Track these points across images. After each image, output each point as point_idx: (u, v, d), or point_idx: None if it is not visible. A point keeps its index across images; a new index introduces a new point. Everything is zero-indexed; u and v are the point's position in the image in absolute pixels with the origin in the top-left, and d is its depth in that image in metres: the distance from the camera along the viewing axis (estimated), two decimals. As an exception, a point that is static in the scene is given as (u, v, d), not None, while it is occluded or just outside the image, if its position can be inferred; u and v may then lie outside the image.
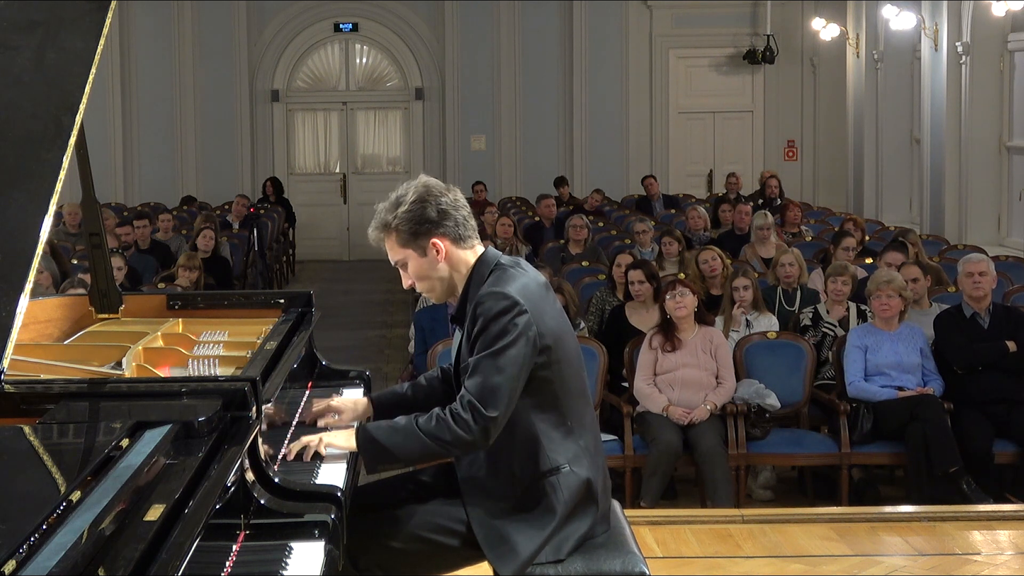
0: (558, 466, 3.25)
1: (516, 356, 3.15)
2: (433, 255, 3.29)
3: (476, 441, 3.16)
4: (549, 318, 3.26)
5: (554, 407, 3.26)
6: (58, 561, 1.95)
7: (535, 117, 17.14)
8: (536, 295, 3.25)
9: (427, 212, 3.27)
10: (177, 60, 17.13)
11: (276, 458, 3.26)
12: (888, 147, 16.17)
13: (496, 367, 3.14)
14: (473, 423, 3.13)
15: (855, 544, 5.35)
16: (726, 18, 17.45)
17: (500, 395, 3.13)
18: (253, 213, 13.15)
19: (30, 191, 3.17)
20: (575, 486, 3.25)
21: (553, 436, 3.26)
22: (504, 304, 3.17)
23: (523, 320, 3.17)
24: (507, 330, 3.15)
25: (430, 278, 3.33)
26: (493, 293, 3.20)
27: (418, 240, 3.28)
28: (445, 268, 3.31)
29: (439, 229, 3.28)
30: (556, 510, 3.23)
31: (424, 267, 3.31)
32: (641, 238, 10.29)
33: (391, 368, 10.05)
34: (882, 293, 6.76)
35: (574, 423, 3.30)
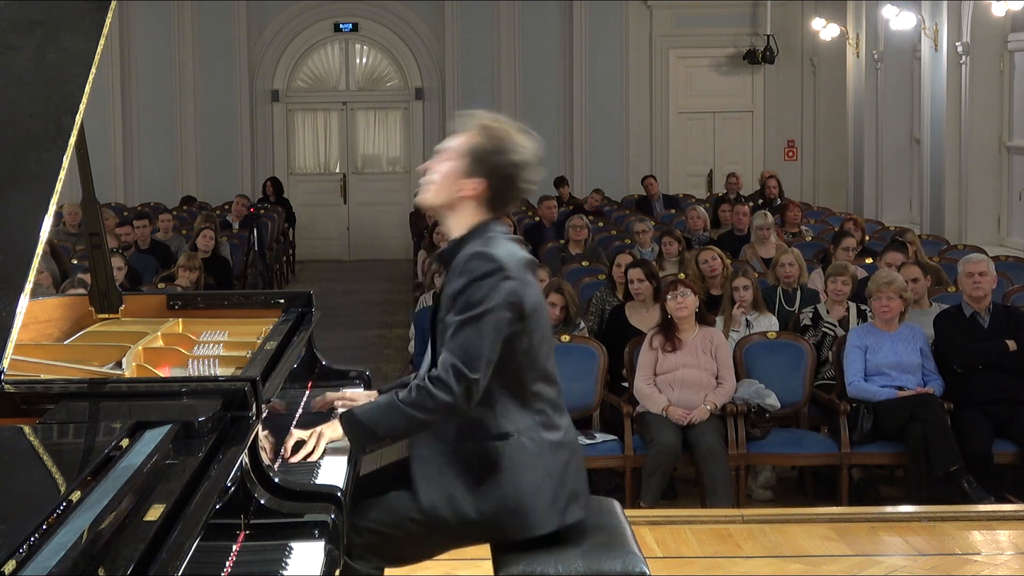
0: (507, 432, 3.22)
1: (498, 320, 3.13)
2: (467, 183, 3.24)
3: (458, 404, 3.13)
4: (531, 290, 3.24)
5: (516, 377, 3.23)
6: (58, 561, 1.95)
7: (535, 117, 16.94)
8: (521, 265, 3.22)
9: (502, 161, 3.24)
10: (177, 60, 17.13)
11: (277, 458, 3.27)
12: (888, 147, 16.17)
13: (479, 330, 3.12)
14: (456, 385, 3.11)
15: (855, 544, 5.35)
16: (726, 18, 17.45)
17: (482, 357, 3.11)
18: (253, 213, 13.15)
19: (30, 191, 3.17)
20: (523, 456, 3.22)
21: (507, 403, 3.23)
22: (490, 266, 3.15)
23: (508, 285, 3.15)
24: (491, 294, 3.13)
25: (442, 189, 3.27)
26: (481, 254, 3.17)
27: (477, 163, 3.24)
28: (457, 200, 3.26)
29: (492, 180, 3.24)
30: (498, 476, 3.20)
31: (451, 180, 3.25)
32: (641, 238, 10.29)
33: (391, 368, 10.05)
34: (883, 295, 6.76)
35: (534, 395, 3.26)
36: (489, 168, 3.24)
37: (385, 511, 3.29)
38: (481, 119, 3.30)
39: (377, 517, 3.29)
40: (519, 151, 3.27)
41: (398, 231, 17.24)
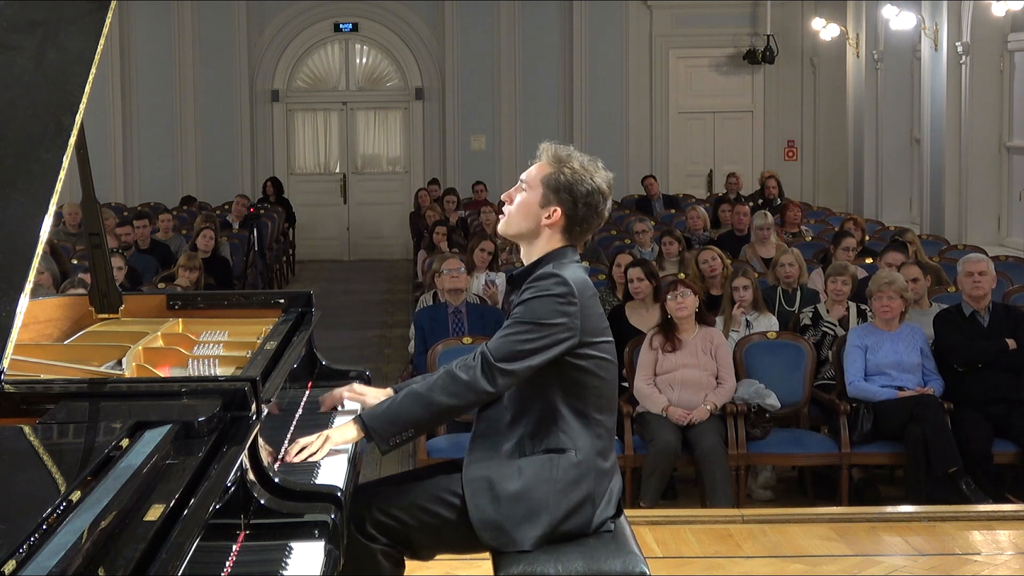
0: (564, 448, 3.30)
1: (552, 336, 3.23)
2: (546, 212, 3.35)
3: (482, 390, 3.23)
4: (595, 317, 3.33)
5: (581, 396, 3.32)
6: (58, 561, 1.95)
7: (535, 117, 17.12)
8: (588, 293, 3.34)
9: (581, 189, 3.34)
10: (177, 60, 17.13)
11: (277, 458, 3.27)
12: (888, 147, 16.17)
13: (528, 336, 3.23)
14: (480, 371, 3.23)
15: (855, 544, 5.35)
16: (726, 18, 17.45)
17: (519, 358, 3.22)
18: (253, 213, 13.15)
19: (30, 191, 3.17)
20: (575, 473, 3.29)
21: (570, 421, 3.31)
22: (561, 289, 3.26)
23: (571, 310, 3.25)
24: (554, 311, 3.24)
25: (522, 218, 3.38)
26: (555, 275, 3.28)
27: (554, 193, 3.35)
28: (538, 228, 3.37)
29: (572, 208, 3.35)
30: (546, 482, 3.27)
31: (531, 209, 3.36)
32: (641, 238, 10.29)
33: (391, 368, 10.05)
34: (883, 295, 6.76)
35: (595, 415, 3.35)
36: (567, 198, 3.35)
37: (411, 497, 3.34)
38: (557, 150, 3.40)
39: (399, 501, 3.33)
40: (596, 181, 3.38)
41: (398, 231, 17.24)
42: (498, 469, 3.30)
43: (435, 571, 4.74)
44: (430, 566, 4.70)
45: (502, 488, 3.28)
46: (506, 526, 3.29)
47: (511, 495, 3.27)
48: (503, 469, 3.30)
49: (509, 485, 3.28)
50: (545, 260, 3.36)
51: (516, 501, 3.27)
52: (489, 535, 3.30)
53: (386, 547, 3.34)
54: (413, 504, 3.34)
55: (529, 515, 3.28)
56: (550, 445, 3.30)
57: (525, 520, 3.28)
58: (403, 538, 3.35)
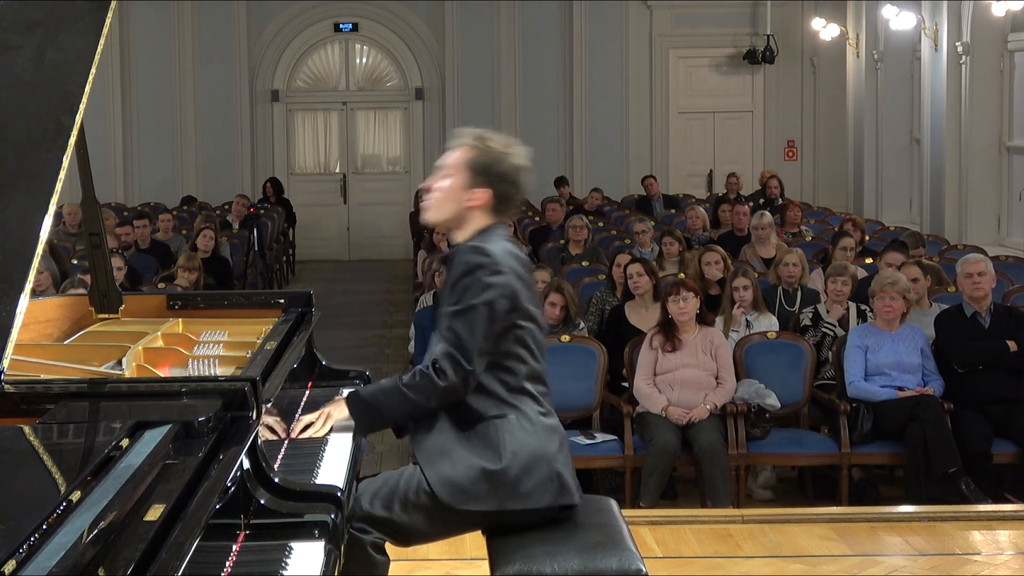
0: (503, 413, 3.36)
1: (491, 311, 3.29)
2: (471, 194, 3.39)
3: (455, 391, 3.31)
4: (522, 286, 3.37)
5: (511, 367, 3.38)
6: (58, 561, 1.95)
7: (535, 117, 17.13)
8: (514, 261, 3.38)
9: (504, 170, 3.39)
10: (177, 60, 17.12)
11: (277, 458, 3.27)
12: (888, 147, 16.16)
13: (472, 320, 3.28)
14: (454, 375, 3.29)
15: (855, 544, 5.35)
16: (726, 18, 17.44)
17: (475, 347, 3.27)
18: (253, 213, 13.15)
19: (30, 191, 3.17)
20: (522, 429, 3.34)
21: (501, 391, 3.37)
22: (482, 260, 3.31)
23: (499, 279, 3.30)
24: (484, 285, 3.29)
25: (447, 202, 3.43)
26: (474, 247, 3.34)
27: (476, 175, 3.39)
28: (464, 212, 3.42)
29: (496, 187, 3.39)
30: (495, 446, 3.32)
31: (455, 193, 3.41)
32: (641, 238, 10.29)
33: (391, 368, 10.05)
34: (886, 295, 6.76)
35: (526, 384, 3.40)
36: (492, 177, 3.39)
37: (392, 486, 3.39)
38: (472, 133, 3.45)
39: (382, 492, 3.38)
40: (516, 157, 3.42)
41: (398, 231, 17.24)
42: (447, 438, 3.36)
43: (435, 571, 4.75)
44: (430, 566, 4.71)
45: (454, 450, 3.34)
46: (462, 482, 3.32)
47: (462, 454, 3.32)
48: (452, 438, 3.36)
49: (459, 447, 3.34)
50: (471, 238, 3.41)
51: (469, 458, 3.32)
52: (446, 492, 3.32)
53: (376, 539, 3.38)
54: (393, 497, 3.37)
55: (484, 471, 3.31)
56: (489, 413, 3.35)
57: (481, 476, 3.31)
58: (392, 528, 3.38)
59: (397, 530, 3.39)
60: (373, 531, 3.36)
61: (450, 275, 3.37)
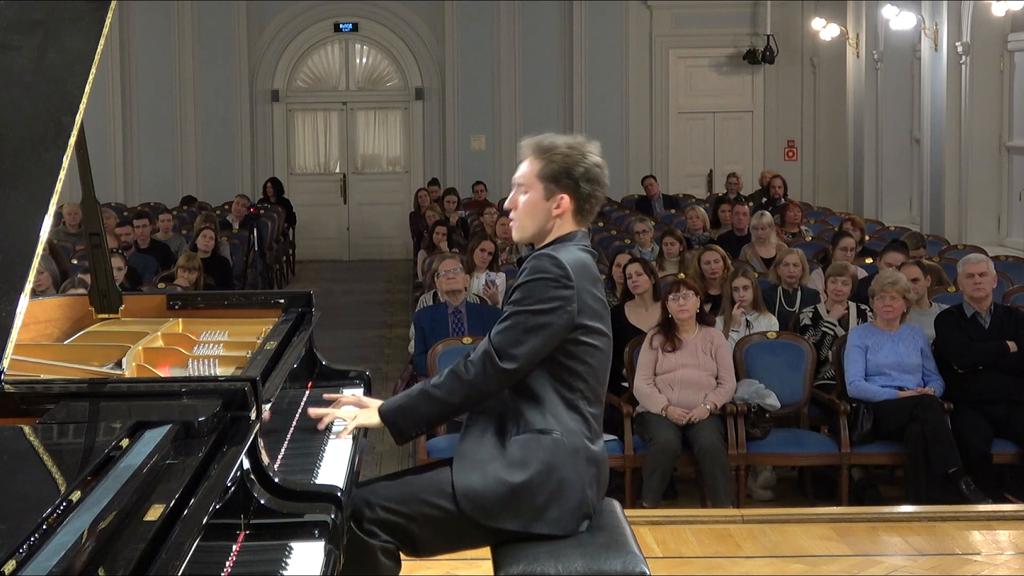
0: (550, 429, 3.31)
1: (549, 322, 3.24)
2: (553, 203, 3.36)
3: (485, 388, 3.27)
4: (591, 299, 3.32)
5: (567, 381, 3.32)
6: (58, 561, 1.95)
7: (535, 117, 17.10)
8: (585, 275, 3.32)
9: (579, 170, 3.35)
10: (177, 60, 17.12)
11: (277, 458, 3.27)
12: (888, 147, 16.16)
13: (526, 325, 3.23)
14: (483, 370, 3.25)
15: (855, 544, 5.35)
16: (726, 18, 17.44)
17: (519, 353, 3.23)
18: (253, 213, 13.14)
19: (30, 191, 3.17)
20: (561, 453, 3.29)
21: (557, 403, 3.32)
22: (555, 271, 3.26)
23: (566, 293, 3.25)
24: (549, 295, 3.24)
25: (531, 217, 3.39)
26: (549, 256, 3.29)
27: (554, 184, 3.35)
28: (552, 223, 3.38)
29: (575, 190, 3.35)
30: (530, 465, 3.27)
31: (538, 207, 3.37)
32: (641, 238, 10.29)
33: (391, 368, 10.05)
34: (886, 295, 6.76)
35: (581, 404, 3.35)
36: (570, 182, 3.35)
37: (410, 488, 3.36)
38: (538, 141, 3.41)
39: (399, 494, 3.35)
40: (588, 155, 3.38)
41: (398, 231, 17.24)
42: (487, 453, 3.31)
43: (435, 571, 4.75)
44: (430, 566, 4.70)
45: (491, 467, 3.29)
46: (488, 497, 3.28)
47: (499, 473, 3.28)
48: (491, 448, 3.32)
49: (498, 464, 3.29)
50: (550, 244, 3.37)
51: (500, 474, 3.27)
52: (470, 504, 3.29)
53: (385, 543, 3.34)
54: (413, 497, 3.34)
55: (518, 493, 3.27)
56: (536, 426, 3.31)
57: (514, 499, 3.28)
58: (403, 533, 3.35)
59: (409, 535, 3.35)
60: (383, 534, 3.32)
61: (519, 277, 3.32)
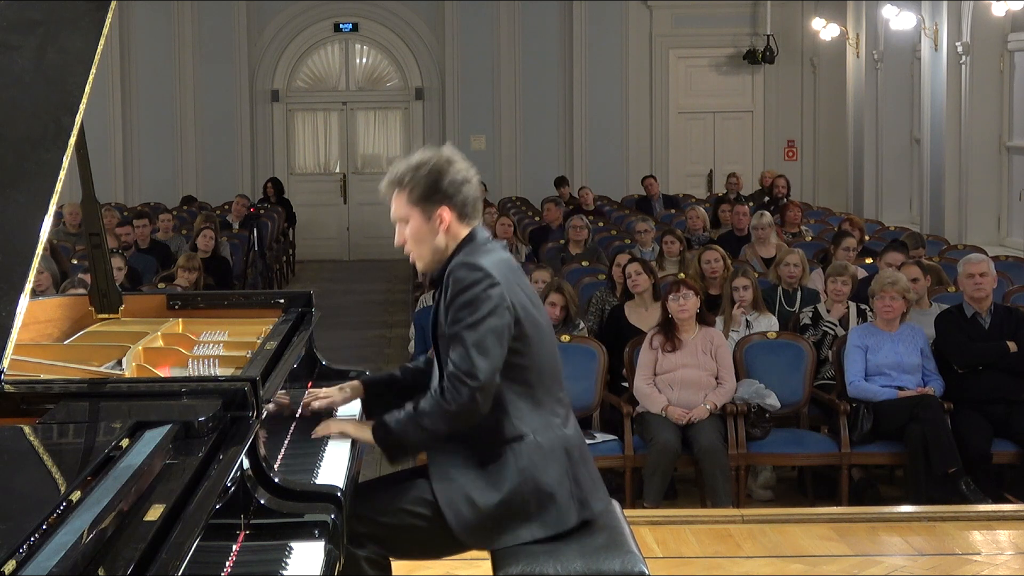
0: (522, 434, 3.31)
1: (493, 325, 3.22)
2: (436, 223, 3.35)
3: (467, 411, 3.23)
4: (520, 294, 3.33)
5: (522, 379, 3.33)
6: (58, 561, 1.95)
7: (535, 117, 17.13)
8: (507, 271, 3.33)
9: (442, 182, 3.33)
10: (177, 60, 17.12)
11: (277, 457, 3.27)
12: (888, 147, 16.16)
13: (474, 338, 3.21)
14: (461, 395, 3.21)
15: (855, 544, 5.35)
16: (726, 18, 17.44)
17: (481, 362, 3.20)
18: (253, 213, 13.14)
19: (30, 191, 3.17)
20: (538, 456, 3.30)
21: (520, 406, 3.32)
22: (476, 276, 3.25)
23: (495, 292, 3.24)
24: (481, 300, 3.23)
25: (424, 243, 3.39)
26: (466, 264, 3.28)
27: (426, 204, 3.34)
28: (443, 239, 3.37)
29: (449, 201, 3.34)
30: (514, 474, 3.27)
31: (423, 231, 3.37)
32: (642, 238, 10.28)
33: (391, 368, 10.03)
34: (886, 295, 6.75)
35: (543, 395, 3.36)
36: (440, 196, 3.33)
37: (393, 500, 3.35)
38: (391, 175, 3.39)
39: (382, 506, 3.34)
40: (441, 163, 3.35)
41: (398, 231, 17.21)
42: (468, 476, 3.29)
43: (435, 571, 4.75)
44: (431, 566, 4.71)
45: (479, 496, 3.27)
46: (490, 526, 3.28)
47: (489, 501, 3.27)
48: (473, 475, 3.29)
49: (484, 491, 3.27)
50: (456, 252, 3.35)
51: (493, 501, 3.27)
52: (476, 540, 3.31)
53: (371, 554, 3.33)
54: (393, 509, 3.33)
55: (511, 511, 3.27)
56: (507, 435, 3.30)
57: (508, 516, 3.28)
58: (390, 543, 3.35)
59: (397, 544, 3.35)
60: (370, 544, 3.32)
61: (446, 295, 3.29)
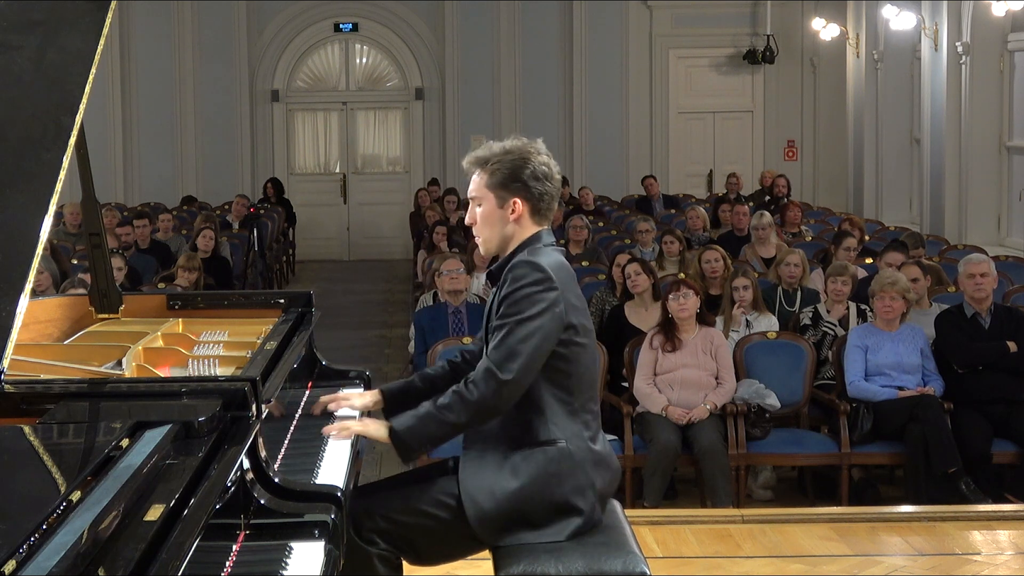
0: (555, 439, 3.32)
1: (541, 327, 3.24)
2: (508, 211, 3.39)
3: (492, 405, 3.24)
4: (575, 299, 3.36)
5: (564, 385, 3.34)
6: (58, 561, 1.95)
7: (535, 117, 17.12)
8: (566, 276, 3.36)
9: (525, 172, 3.37)
10: (177, 60, 17.12)
11: (277, 457, 3.27)
12: (888, 147, 16.16)
13: (520, 335, 3.23)
14: (485, 387, 3.22)
15: (855, 544, 5.35)
16: (726, 18, 17.44)
17: (518, 360, 3.22)
18: (253, 213, 13.14)
19: (30, 191, 3.17)
20: (566, 464, 3.31)
21: (557, 411, 3.33)
22: (537, 276, 3.27)
23: (552, 295, 3.27)
24: (536, 301, 3.25)
25: (492, 227, 3.42)
26: (529, 262, 3.30)
27: (504, 191, 3.38)
28: (511, 228, 3.40)
29: (526, 192, 3.38)
30: (539, 476, 3.29)
31: (495, 216, 3.41)
32: (642, 238, 10.28)
33: (391, 368, 10.06)
34: (886, 295, 6.75)
35: (579, 406, 3.37)
36: (519, 185, 3.38)
37: (410, 499, 3.36)
38: (477, 154, 3.44)
39: (399, 505, 3.35)
40: (531, 154, 3.40)
41: (398, 231, 17.24)
42: (494, 470, 3.32)
43: (435, 571, 4.75)
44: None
45: (500, 487, 3.29)
46: (506, 523, 3.30)
47: (509, 494, 3.29)
48: (498, 469, 3.31)
49: (506, 484, 3.29)
50: (519, 249, 3.39)
51: (514, 499, 3.29)
52: (490, 534, 3.32)
53: (383, 551, 3.34)
54: (412, 507, 3.34)
55: (529, 511, 3.29)
56: (540, 438, 3.32)
57: (525, 516, 3.29)
58: (403, 542, 3.35)
59: (410, 543, 3.35)
60: (382, 543, 3.32)
61: (503, 289, 3.32)
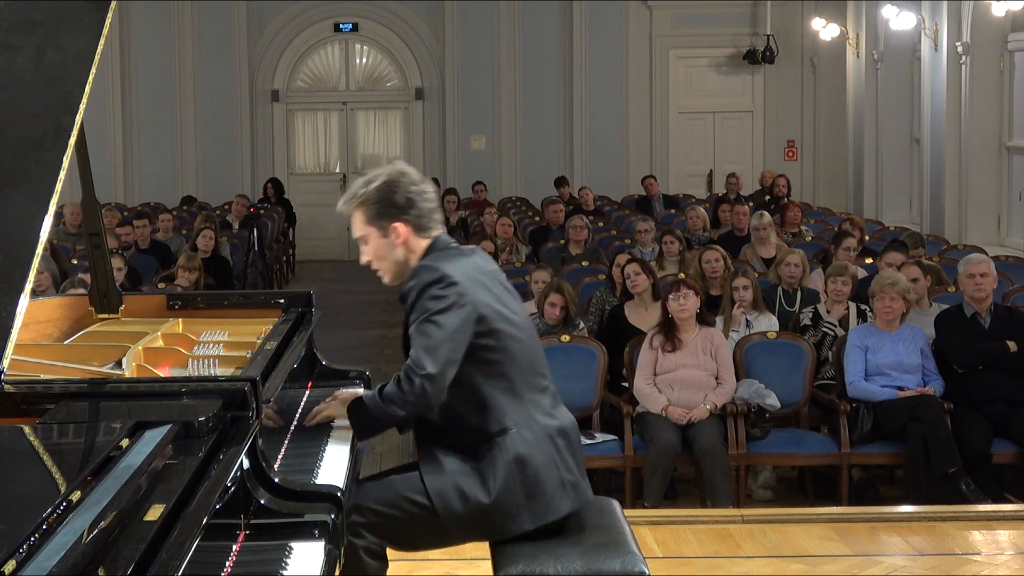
0: (506, 427, 3.37)
1: (448, 320, 3.30)
2: (393, 238, 3.44)
3: (421, 398, 3.30)
4: (486, 293, 3.40)
5: (500, 373, 3.39)
6: (58, 561, 1.95)
7: (535, 117, 17.12)
8: (473, 273, 3.40)
9: (395, 197, 3.43)
10: (177, 60, 17.12)
11: (277, 457, 3.27)
12: (888, 147, 16.16)
13: (428, 332, 3.29)
14: (410, 385, 3.29)
15: (855, 544, 5.35)
16: (726, 18, 17.44)
17: (432, 354, 3.27)
18: (253, 213, 13.14)
19: (30, 191, 3.17)
20: (524, 446, 3.35)
21: (500, 400, 3.38)
22: (434, 276, 3.34)
23: (453, 290, 3.32)
24: (438, 297, 3.31)
25: (386, 259, 3.48)
26: (424, 267, 3.38)
27: (381, 221, 3.44)
28: (402, 252, 3.46)
29: (403, 215, 3.43)
30: (503, 468, 3.33)
31: (383, 247, 3.47)
32: (642, 238, 10.28)
33: (391, 368, 10.05)
34: (886, 295, 6.75)
35: (522, 387, 3.41)
36: (393, 211, 3.43)
37: (387, 491, 3.41)
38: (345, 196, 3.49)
39: (378, 496, 3.40)
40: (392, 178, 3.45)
41: (398, 231, 17.21)
42: (455, 464, 3.37)
43: (435, 571, 4.75)
44: (430, 566, 4.71)
45: (467, 486, 3.33)
46: (482, 520, 3.34)
47: (477, 493, 3.32)
48: (460, 464, 3.36)
49: (473, 482, 3.33)
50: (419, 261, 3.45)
51: (484, 499, 3.32)
52: (467, 533, 3.38)
53: (370, 543, 3.37)
54: (393, 498, 3.39)
55: (501, 505, 3.32)
56: (491, 429, 3.37)
57: (499, 510, 3.32)
58: (390, 532, 3.39)
59: (397, 534, 3.40)
60: (368, 535, 3.36)
61: (408, 299, 3.39)
